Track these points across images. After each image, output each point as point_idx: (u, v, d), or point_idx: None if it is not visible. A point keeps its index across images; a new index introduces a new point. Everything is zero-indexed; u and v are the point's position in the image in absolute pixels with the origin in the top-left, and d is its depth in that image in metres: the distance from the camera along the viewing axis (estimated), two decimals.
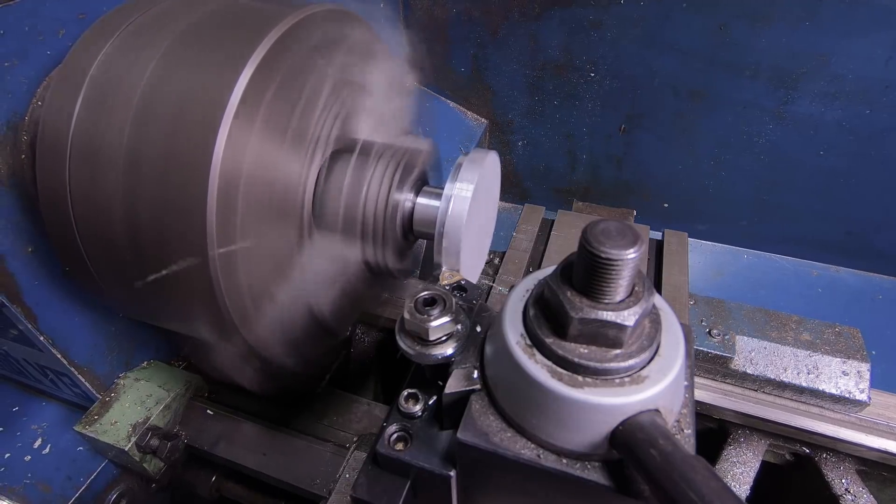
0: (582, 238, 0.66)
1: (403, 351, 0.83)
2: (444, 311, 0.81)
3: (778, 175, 2.09)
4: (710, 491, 0.57)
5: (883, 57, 1.73)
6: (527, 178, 2.57)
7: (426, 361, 0.83)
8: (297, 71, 1.05)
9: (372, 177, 1.16)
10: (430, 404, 0.86)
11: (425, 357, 0.82)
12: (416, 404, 0.86)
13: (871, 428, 1.34)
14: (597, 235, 0.65)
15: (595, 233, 0.66)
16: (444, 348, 0.82)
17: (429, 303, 0.83)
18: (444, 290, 0.84)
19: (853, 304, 2.15)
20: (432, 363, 0.83)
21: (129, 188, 0.97)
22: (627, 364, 0.68)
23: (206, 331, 1.11)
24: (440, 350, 0.82)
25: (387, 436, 0.83)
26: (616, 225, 0.66)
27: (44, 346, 1.29)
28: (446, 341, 0.82)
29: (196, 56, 0.99)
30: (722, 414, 1.43)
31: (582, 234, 0.66)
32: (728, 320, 1.47)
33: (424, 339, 0.82)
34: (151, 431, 1.42)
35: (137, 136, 0.95)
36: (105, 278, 1.11)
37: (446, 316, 0.81)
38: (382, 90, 1.29)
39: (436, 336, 0.82)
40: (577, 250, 0.68)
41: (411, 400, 0.86)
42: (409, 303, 0.83)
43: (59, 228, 1.06)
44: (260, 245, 1.05)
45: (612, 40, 2.02)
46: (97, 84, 1.00)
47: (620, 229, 0.66)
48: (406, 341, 0.83)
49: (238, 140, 0.93)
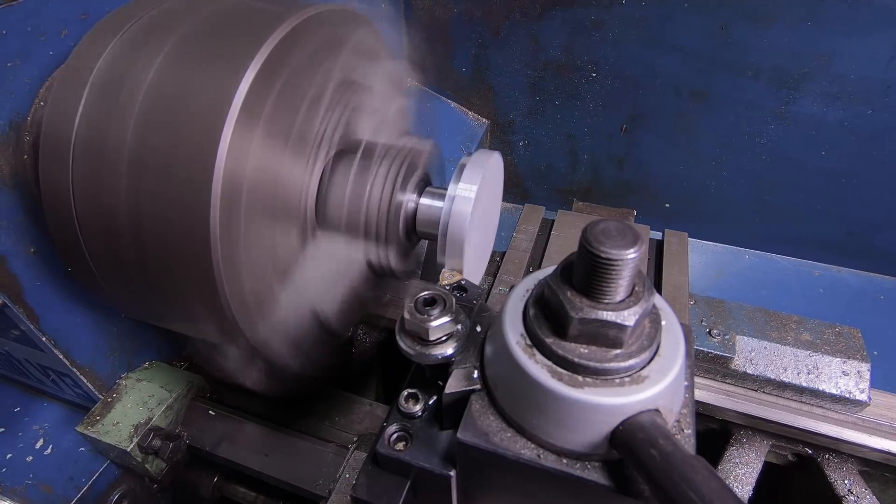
0: (582, 238, 0.66)
1: (403, 351, 0.83)
2: (444, 311, 0.81)
3: (779, 175, 2.09)
4: (711, 491, 0.57)
5: (885, 57, 1.73)
6: (528, 178, 2.57)
7: (426, 361, 0.83)
8: (301, 72, 1.05)
9: (375, 177, 1.16)
10: (430, 404, 0.87)
11: (425, 357, 0.82)
12: (416, 404, 0.86)
13: (873, 429, 1.34)
14: (597, 235, 0.65)
15: (595, 233, 0.66)
16: (444, 348, 0.82)
17: (429, 303, 0.83)
18: (444, 290, 0.84)
19: (854, 304, 2.14)
20: (432, 363, 0.83)
21: (132, 189, 0.97)
22: (627, 364, 0.68)
23: (209, 332, 1.11)
24: (440, 350, 0.82)
25: (387, 436, 0.83)
26: (616, 225, 0.66)
27: (46, 346, 1.29)
28: (446, 341, 0.83)
29: (200, 57, 0.98)
30: (724, 415, 1.42)
31: (582, 234, 0.66)
32: (728, 320, 1.47)
33: (424, 339, 0.82)
34: (153, 432, 1.43)
35: (141, 136, 0.95)
36: (108, 279, 1.11)
37: (446, 316, 0.81)
38: (386, 91, 1.29)
39: (436, 336, 0.82)
40: (577, 250, 0.68)
41: (411, 400, 0.86)
42: (409, 303, 0.83)
43: (62, 229, 1.06)
44: (263, 246, 1.05)
45: (614, 40, 2.02)
46: (101, 84, 1.00)
47: (620, 229, 0.66)
48: (406, 341, 0.83)
49: (241, 141, 0.93)
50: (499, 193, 1.42)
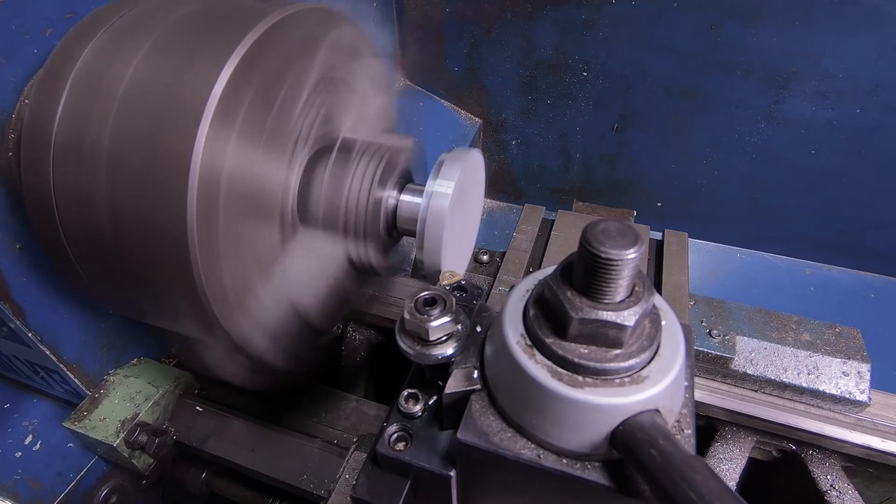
0: (582, 238, 0.66)
1: (403, 351, 0.83)
2: (445, 311, 0.81)
3: (770, 174, 2.11)
4: (711, 491, 0.58)
5: (873, 56, 1.75)
6: (521, 177, 2.57)
7: (426, 361, 0.83)
8: (278, 70, 1.05)
9: (354, 174, 1.17)
10: (430, 404, 0.86)
11: (425, 357, 0.82)
12: (416, 404, 0.86)
13: (856, 425, 1.34)
14: (597, 235, 0.65)
15: (595, 233, 0.66)
16: (444, 348, 0.82)
17: (429, 303, 0.83)
18: (444, 290, 0.84)
19: (846, 302, 2.17)
20: (432, 363, 0.83)
21: (111, 187, 0.97)
22: (627, 364, 0.68)
23: (190, 327, 1.11)
24: (440, 350, 0.82)
25: (387, 436, 0.83)
26: (616, 225, 0.66)
27: (33, 342, 1.28)
28: (446, 341, 0.82)
29: (177, 54, 0.99)
30: (709, 411, 1.43)
31: (582, 234, 0.66)
32: (728, 321, 1.47)
33: (424, 339, 0.82)
34: (140, 427, 1.42)
35: (119, 135, 0.95)
36: (91, 276, 1.11)
37: (446, 316, 0.81)
38: (366, 88, 1.29)
39: (436, 336, 0.82)
40: (577, 250, 0.68)
41: (411, 400, 0.86)
42: (410, 303, 0.83)
43: (45, 226, 1.05)
44: (242, 241, 1.05)
45: (605, 40, 2.03)
46: (81, 81, 1.00)
47: (620, 229, 0.66)
48: (406, 341, 0.83)
49: (218, 138, 0.93)
50: (480, 192, 1.42)
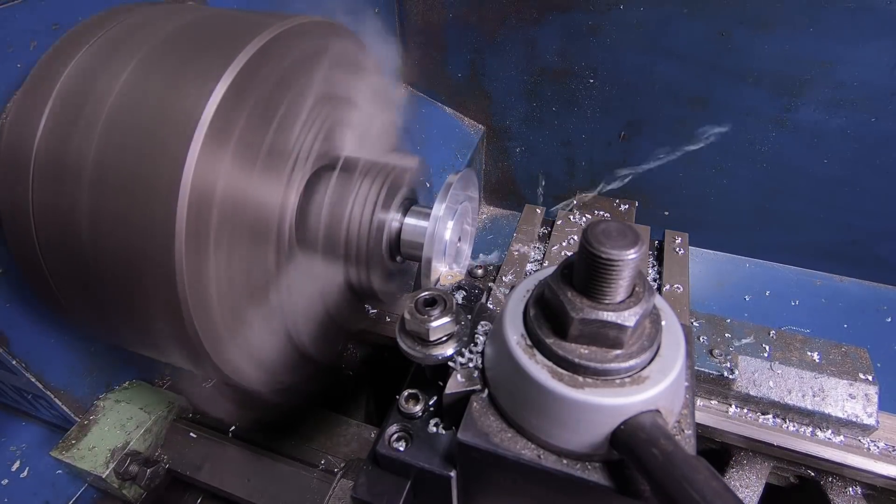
0: (582, 238, 0.66)
1: (404, 351, 0.83)
2: (445, 312, 0.81)
3: (780, 183, 2.09)
4: (712, 491, 0.57)
5: (888, 64, 1.73)
6: (525, 184, 2.57)
7: (426, 362, 0.83)
8: (275, 87, 1.00)
9: (356, 196, 1.13)
10: (431, 404, 0.86)
11: (426, 357, 0.82)
12: (417, 404, 0.86)
13: (881, 457, 1.27)
14: (597, 236, 0.65)
15: (595, 233, 0.66)
16: (444, 348, 0.82)
17: (429, 303, 0.83)
18: (444, 290, 0.84)
19: (856, 314, 2.13)
20: (432, 363, 0.83)
21: (94, 207, 0.91)
22: (628, 364, 0.68)
23: (177, 359, 1.06)
24: (440, 350, 0.82)
25: (387, 436, 0.83)
26: (616, 225, 0.66)
27: (17, 369, 1.23)
28: (446, 341, 0.82)
29: (169, 70, 0.94)
30: (724, 437, 1.37)
31: (582, 234, 0.66)
32: (730, 339, 1.41)
33: (425, 339, 0.82)
34: (131, 457, 1.37)
35: (104, 152, 0.90)
36: (69, 300, 1.06)
37: (447, 316, 0.81)
38: (368, 104, 1.25)
39: (436, 336, 0.82)
40: (577, 250, 0.68)
41: (411, 400, 0.86)
42: (410, 303, 0.83)
43: (21, 248, 1.00)
44: (234, 267, 1.00)
45: (612, 46, 2.02)
46: (65, 96, 0.95)
47: (621, 230, 0.66)
48: (406, 342, 0.83)
49: (210, 159, 0.88)
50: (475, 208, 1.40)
